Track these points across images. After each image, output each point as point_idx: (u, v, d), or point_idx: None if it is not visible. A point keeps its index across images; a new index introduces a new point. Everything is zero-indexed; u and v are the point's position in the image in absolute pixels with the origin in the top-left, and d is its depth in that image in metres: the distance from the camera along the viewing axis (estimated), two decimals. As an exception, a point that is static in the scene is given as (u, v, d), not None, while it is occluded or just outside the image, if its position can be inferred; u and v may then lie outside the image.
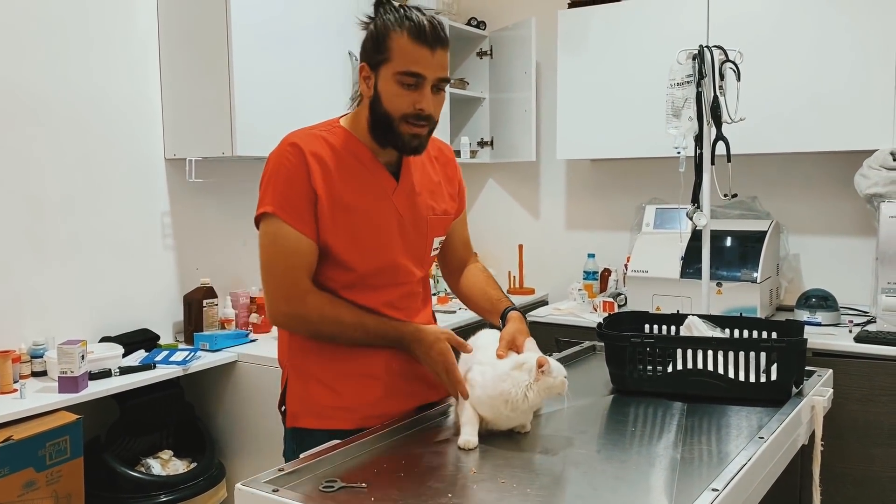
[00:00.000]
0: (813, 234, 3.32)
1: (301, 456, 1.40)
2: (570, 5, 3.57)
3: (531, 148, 3.88)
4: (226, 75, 2.73)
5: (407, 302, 1.67)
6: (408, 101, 1.50)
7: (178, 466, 2.63)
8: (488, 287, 1.77)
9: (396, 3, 1.52)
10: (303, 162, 1.51)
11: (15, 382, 2.32)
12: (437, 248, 1.73)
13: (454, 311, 3.36)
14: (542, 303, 3.87)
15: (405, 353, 1.60)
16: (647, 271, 3.16)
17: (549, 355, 2.15)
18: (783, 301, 3.26)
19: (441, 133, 3.76)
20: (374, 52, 1.51)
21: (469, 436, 1.47)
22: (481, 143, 4.08)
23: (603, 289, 3.67)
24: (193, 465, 2.65)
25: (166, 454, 2.65)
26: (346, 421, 1.58)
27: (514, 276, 4.02)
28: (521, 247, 4.00)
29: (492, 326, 1.72)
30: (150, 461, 2.59)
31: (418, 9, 1.51)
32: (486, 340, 1.63)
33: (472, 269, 1.84)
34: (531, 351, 1.54)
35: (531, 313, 3.43)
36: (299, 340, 1.63)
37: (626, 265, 3.45)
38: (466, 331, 1.77)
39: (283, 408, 1.68)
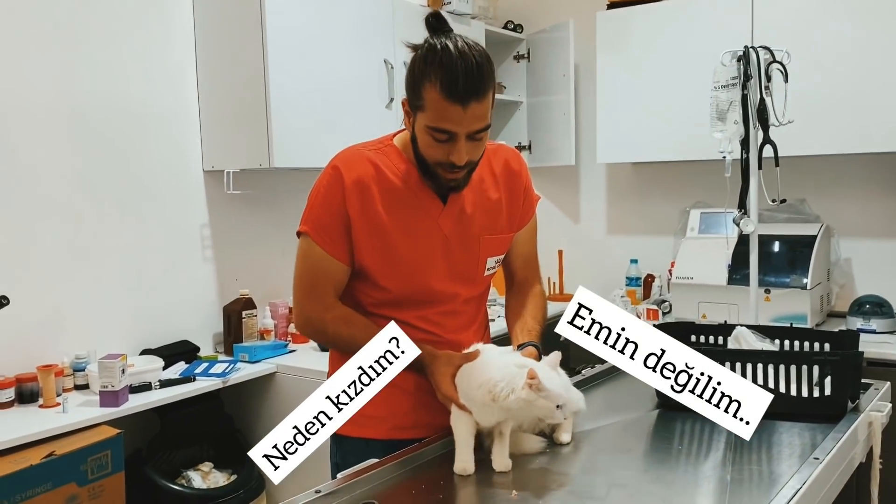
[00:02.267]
0: (865, 238, 3.20)
1: (338, 476, 1.38)
2: (609, 6, 3.50)
3: (570, 152, 3.82)
4: (262, 86, 2.73)
5: (444, 319, 1.64)
6: (441, 152, 1.47)
7: (219, 479, 2.63)
8: (528, 314, 1.69)
9: (441, 40, 1.42)
10: (340, 187, 1.53)
11: (58, 396, 2.35)
12: (492, 268, 1.70)
13: (493, 320, 3.30)
14: (584, 309, 3.80)
15: None
16: (692, 278, 3.08)
17: (586, 367, 2.09)
18: (834, 307, 3.15)
19: (479, 139, 3.73)
20: (412, 94, 1.47)
21: (464, 462, 1.40)
22: (519, 148, 4.03)
23: (646, 295, 3.59)
24: (234, 476, 2.65)
25: (206, 466, 2.66)
26: (377, 430, 1.62)
27: (555, 283, 3.96)
28: (560, 252, 3.95)
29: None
30: (191, 473, 2.59)
31: (463, 46, 1.40)
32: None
33: (535, 292, 1.75)
34: (549, 365, 1.43)
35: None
36: None
37: (670, 271, 3.38)
38: (505, 338, 1.73)
39: None
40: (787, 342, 1.96)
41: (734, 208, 2.41)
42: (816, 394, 1.70)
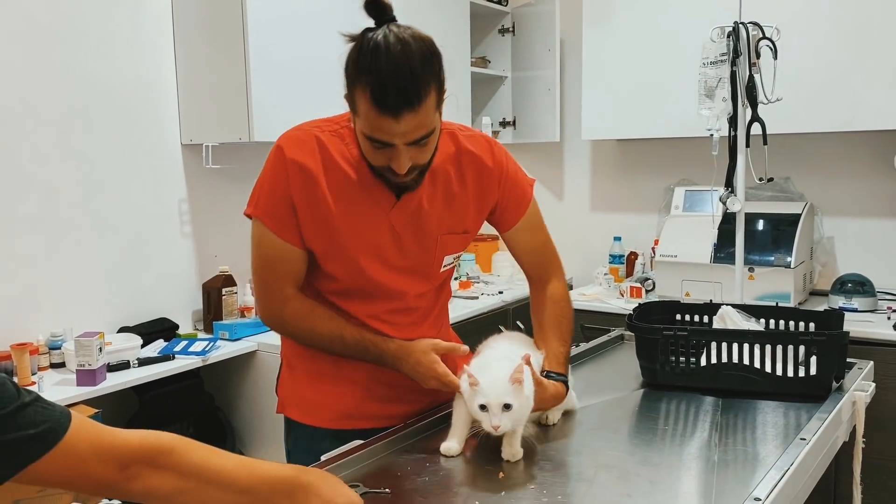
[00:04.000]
0: (848, 217, 3.20)
1: (322, 458, 1.36)
2: (596, -20, 3.45)
3: (555, 128, 3.79)
4: (241, 58, 2.66)
5: (396, 317, 1.55)
6: (382, 158, 1.35)
7: (199, 457, 2.60)
8: (550, 332, 1.59)
9: (376, 37, 1.29)
10: (284, 169, 1.42)
11: (33, 375, 2.30)
12: (449, 264, 1.60)
13: (476, 297, 3.29)
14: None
15: None
16: (676, 255, 3.07)
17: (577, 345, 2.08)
18: (817, 286, 3.16)
19: (462, 114, 3.68)
20: (348, 95, 1.34)
21: (451, 443, 1.40)
22: (503, 124, 3.99)
23: (629, 273, 3.58)
24: (214, 455, 2.62)
25: (187, 445, 2.62)
26: (324, 419, 1.56)
27: (538, 260, 3.94)
28: (544, 229, 3.92)
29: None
30: (171, 452, 2.56)
31: (397, 47, 1.25)
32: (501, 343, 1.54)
33: (550, 295, 1.64)
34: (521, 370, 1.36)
35: (556, 298, 3.35)
36: None
37: (653, 249, 3.37)
38: (488, 318, 1.70)
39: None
40: (772, 321, 1.96)
41: (720, 186, 2.40)
42: (802, 373, 1.70)
